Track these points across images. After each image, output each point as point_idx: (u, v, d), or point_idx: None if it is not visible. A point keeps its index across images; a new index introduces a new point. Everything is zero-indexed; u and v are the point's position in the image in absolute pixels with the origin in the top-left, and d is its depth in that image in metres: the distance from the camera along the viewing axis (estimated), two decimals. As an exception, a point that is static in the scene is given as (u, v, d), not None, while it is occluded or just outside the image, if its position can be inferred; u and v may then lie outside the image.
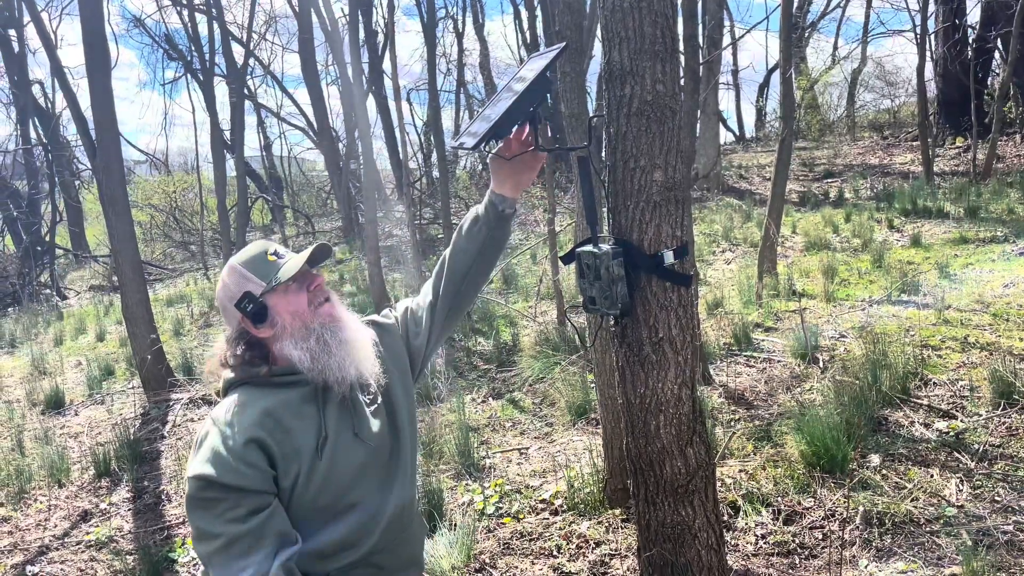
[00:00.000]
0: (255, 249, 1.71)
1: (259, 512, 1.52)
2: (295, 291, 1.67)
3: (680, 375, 2.29)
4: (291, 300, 1.66)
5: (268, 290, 1.64)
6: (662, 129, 2.18)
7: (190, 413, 6.76)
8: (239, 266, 1.68)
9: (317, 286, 1.70)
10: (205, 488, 1.51)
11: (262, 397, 1.62)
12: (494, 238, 1.95)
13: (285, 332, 1.65)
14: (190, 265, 19.68)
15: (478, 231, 1.94)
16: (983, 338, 5.66)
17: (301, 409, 1.64)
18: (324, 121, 14.37)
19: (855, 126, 22.44)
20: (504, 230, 1.97)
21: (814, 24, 24.81)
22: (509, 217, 1.96)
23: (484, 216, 1.94)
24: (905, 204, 12.07)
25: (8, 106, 22.29)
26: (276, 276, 1.65)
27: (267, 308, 1.65)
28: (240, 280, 1.66)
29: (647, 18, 2.13)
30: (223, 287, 1.69)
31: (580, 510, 3.88)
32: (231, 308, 1.67)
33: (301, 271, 1.68)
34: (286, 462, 1.58)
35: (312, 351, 1.64)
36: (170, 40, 18.88)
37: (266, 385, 1.65)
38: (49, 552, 4.34)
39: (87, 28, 7.17)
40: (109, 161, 7.25)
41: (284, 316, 1.65)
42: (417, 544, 1.88)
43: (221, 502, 1.51)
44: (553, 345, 6.90)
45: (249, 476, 1.52)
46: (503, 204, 1.93)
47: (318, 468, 1.61)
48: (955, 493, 3.58)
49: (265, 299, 1.65)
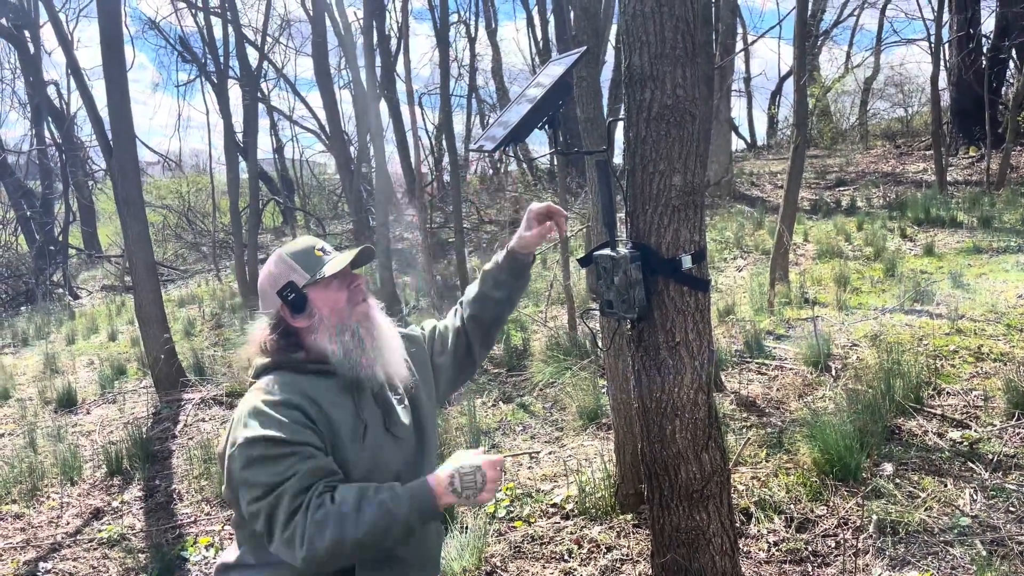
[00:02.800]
0: (304, 243, 1.78)
1: (313, 457, 1.57)
2: (336, 287, 1.73)
3: (696, 380, 2.29)
4: (331, 295, 1.72)
5: (311, 283, 1.70)
6: (681, 134, 2.18)
7: (201, 413, 6.79)
8: (287, 256, 1.73)
9: (357, 286, 1.77)
10: (252, 446, 1.55)
11: (298, 382, 1.67)
12: (518, 285, 2.11)
13: (321, 325, 1.71)
14: (202, 266, 19.76)
15: (504, 280, 2.08)
16: (997, 348, 5.63)
17: (337, 398, 1.69)
18: (336, 124, 14.42)
19: (868, 134, 22.35)
20: (526, 275, 2.13)
21: (827, 32, 24.76)
22: (530, 264, 2.12)
23: (506, 268, 2.07)
24: (918, 213, 12.01)
25: (24, 106, 22.49)
26: (320, 270, 1.71)
27: (307, 299, 1.71)
28: (286, 269, 1.72)
29: (668, 23, 2.14)
30: (267, 274, 1.75)
31: (591, 515, 3.87)
32: (272, 294, 1.72)
33: (344, 270, 1.74)
34: (330, 439, 1.63)
35: (346, 345, 1.70)
36: (184, 43, 18.99)
37: (300, 372, 1.69)
38: (61, 549, 4.36)
39: (105, 29, 7.23)
40: (125, 162, 7.30)
41: (322, 309, 1.71)
42: (436, 543, 1.93)
43: (272, 458, 1.55)
44: (564, 350, 6.90)
45: (302, 433, 1.57)
46: (523, 256, 2.08)
47: (360, 455, 1.66)
48: (969, 503, 3.56)
49: (307, 291, 1.70)
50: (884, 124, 23.93)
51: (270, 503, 1.55)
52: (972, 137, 16.97)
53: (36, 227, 19.30)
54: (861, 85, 24.27)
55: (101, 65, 7.31)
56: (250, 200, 14.52)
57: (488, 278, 2.09)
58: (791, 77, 11.35)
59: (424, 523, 1.62)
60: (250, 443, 1.57)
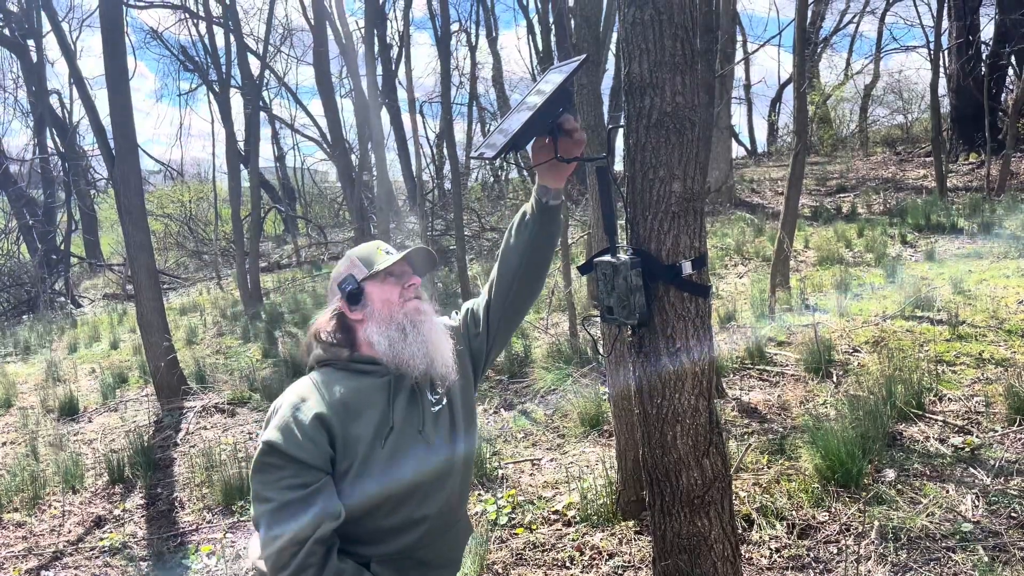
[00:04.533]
0: (371, 244, 1.92)
1: (311, 485, 1.65)
2: (392, 284, 1.85)
3: (697, 386, 2.29)
4: (385, 290, 1.84)
5: (368, 276, 1.84)
6: (681, 140, 2.19)
7: (203, 421, 6.79)
8: (353, 254, 1.89)
9: (412, 285, 1.87)
10: (270, 454, 1.66)
11: (339, 381, 1.77)
12: (542, 231, 2.01)
13: (373, 317, 1.82)
14: (203, 274, 19.80)
15: (526, 225, 2.02)
16: (998, 354, 5.63)
17: (373, 397, 1.77)
18: (338, 132, 14.44)
19: (868, 141, 22.40)
20: (552, 223, 2.01)
21: (827, 39, 24.84)
22: (555, 209, 2.00)
23: (531, 209, 2.02)
24: (918, 219, 12.02)
25: (26, 115, 22.56)
26: (377, 265, 1.83)
27: (363, 292, 1.83)
28: (349, 265, 1.88)
29: (667, 31, 2.15)
30: (336, 271, 1.91)
31: (593, 522, 3.87)
32: (335, 288, 1.86)
33: (401, 269, 1.86)
34: (348, 446, 1.70)
35: (391, 338, 1.79)
36: (186, 52, 19.09)
37: (345, 369, 1.80)
38: (63, 557, 4.36)
39: (107, 39, 7.27)
40: (127, 171, 7.32)
41: (375, 302, 1.83)
42: (459, 546, 1.98)
43: (280, 469, 1.65)
44: (565, 357, 6.90)
45: (310, 451, 1.66)
46: (547, 196, 1.98)
47: (379, 455, 1.72)
48: (971, 509, 3.56)
49: (364, 284, 1.84)
50: (884, 131, 23.98)
51: (259, 510, 1.67)
52: (972, 143, 17.00)
53: (38, 236, 19.35)
54: (861, 92, 24.33)
55: (104, 74, 7.34)
56: (252, 208, 14.56)
57: (512, 227, 2.06)
58: (791, 84, 11.38)
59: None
60: (265, 445, 1.68)
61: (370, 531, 1.73)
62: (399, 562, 1.77)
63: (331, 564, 1.63)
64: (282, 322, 11.51)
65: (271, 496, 1.64)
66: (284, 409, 1.71)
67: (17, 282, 17.98)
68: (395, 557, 1.77)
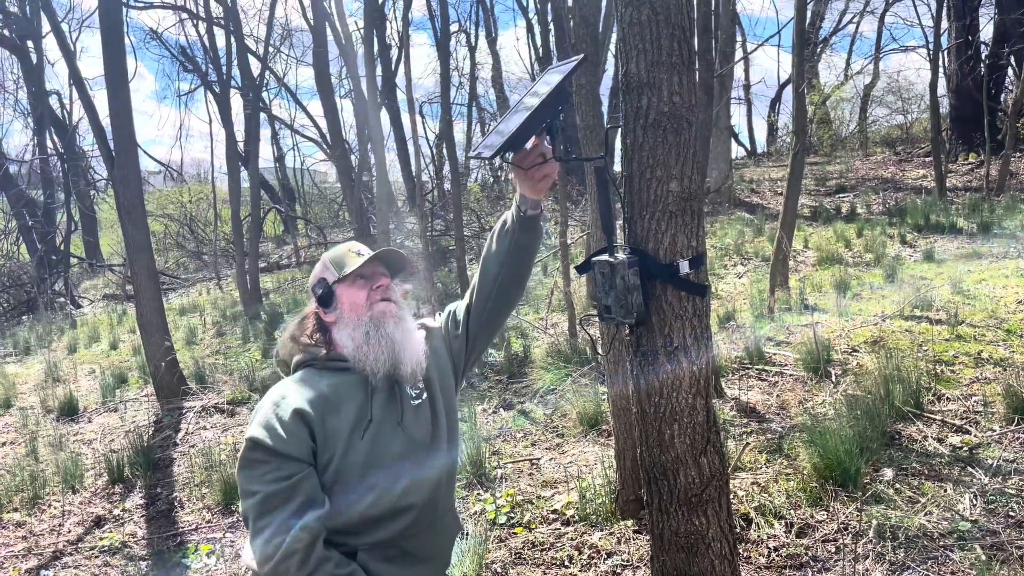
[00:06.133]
0: (344, 246, 1.94)
1: (293, 476, 1.69)
2: (360, 286, 1.87)
3: (695, 384, 2.30)
4: (353, 292, 1.87)
5: (338, 280, 1.87)
6: (678, 140, 2.20)
7: (203, 421, 6.80)
8: (326, 257, 1.92)
9: (380, 286, 1.89)
10: (254, 449, 1.71)
11: (320, 378, 1.82)
12: (521, 239, 2.04)
13: (342, 320, 1.86)
14: (203, 275, 19.80)
15: (506, 233, 2.05)
16: (997, 354, 5.64)
17: (353, 392, 1.81)
18: (337, 133, 14.45)
19: (867, 141, 22.41)
20: (530, 232, 2.05)
21: (826, 40, 24.86)
22: (534, 219, 2.04)
23: (511, 218, 2.05)
24: (918, 219, 12.03)
25: (26, 116, 22.56)
26: (347, 268, 1.86)
27: (334, 295, 1.87)
28: (323, 268, 1.92)
29: (664, 31, 2.16)
30: (312, 274, 1.95)
31: (592, 521, 3.88)
32: (310, 291, 1.93)
33: (372, 271, 1.88)
34: (328, 439, 1.74)
35: (356, 341, 1.83)
36: (186, 53, 19.07)
37: (324, 368, 1.84)
38: (63, 557, 4.37)
39: (107, 39, 7.27)
40: (127, 172, 7.33)
41: (344, 305, 1.86)
42: (447, 538, 2.00)
43: (264, 463, 1.70)
44: (564, 356, 6.91)
45: (292, 444, 1.71)
46: (524, 205, 2.02)
47: (359, 447, 1.76)
48: (969, 508, 3.56)
49: (335, 287, 1.88)
50: (883, 131, 23.99)
51: (245, 505, 1.72)
52: (971, 143, 17.02)
53: (38, 236, 19.34)
54: (860, 92, 24.35)
55: (103, 75, 7.35)
56: (251, 209, 14.57)
57: (493, 234, 2.10)
58: (790, 84, 11.38)
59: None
60: (249, 441, 1.73)
61: (356, 520, 1.77)
62: (386, 551, 1.81)
63: (316, 552, 1.67)
64: (282, 322, 11.51)
65: (256, 489, 1.69)
66: (266, 407, 1.76)
67: (17, 283, 17.98)
68: (382, 546, 1.80)
